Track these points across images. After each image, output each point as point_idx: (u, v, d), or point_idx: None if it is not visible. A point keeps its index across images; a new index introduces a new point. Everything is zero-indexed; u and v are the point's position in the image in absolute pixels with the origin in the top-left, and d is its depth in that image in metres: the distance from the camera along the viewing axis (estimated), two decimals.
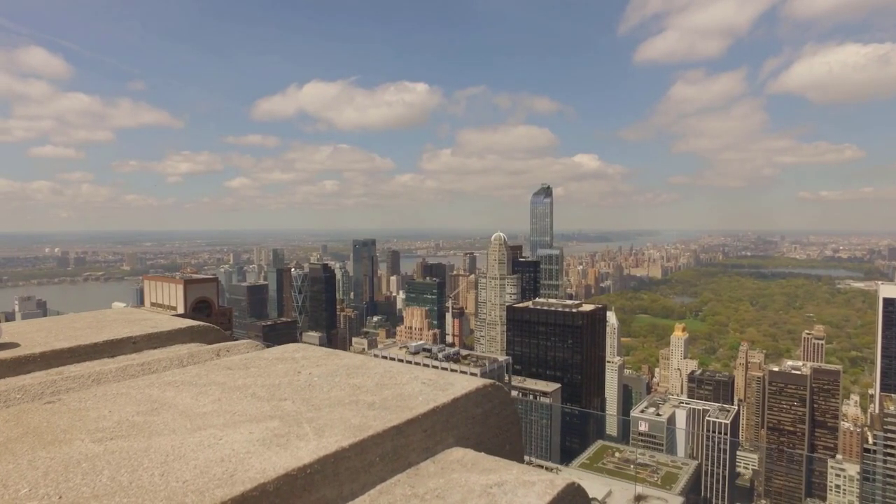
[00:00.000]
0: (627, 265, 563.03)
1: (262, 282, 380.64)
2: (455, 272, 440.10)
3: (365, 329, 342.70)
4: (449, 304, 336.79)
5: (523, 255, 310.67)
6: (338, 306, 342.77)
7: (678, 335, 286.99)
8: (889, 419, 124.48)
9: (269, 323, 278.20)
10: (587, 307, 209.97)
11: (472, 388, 3.74)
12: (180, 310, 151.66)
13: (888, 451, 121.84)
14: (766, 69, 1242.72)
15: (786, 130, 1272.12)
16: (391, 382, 3.89)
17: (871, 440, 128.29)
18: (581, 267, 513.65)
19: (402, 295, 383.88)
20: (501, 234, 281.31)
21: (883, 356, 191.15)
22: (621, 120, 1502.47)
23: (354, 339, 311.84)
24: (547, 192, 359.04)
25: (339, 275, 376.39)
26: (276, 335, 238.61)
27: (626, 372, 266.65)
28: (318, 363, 4.39)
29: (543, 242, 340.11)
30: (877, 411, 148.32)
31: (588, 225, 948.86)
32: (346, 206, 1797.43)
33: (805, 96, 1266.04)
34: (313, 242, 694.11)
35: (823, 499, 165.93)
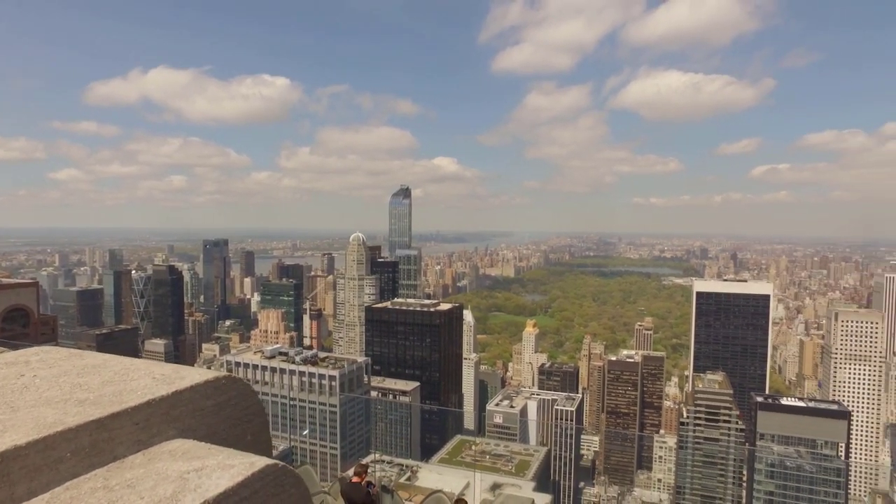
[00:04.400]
0: (483, 265, 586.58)
1: (95, 286, 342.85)
2: (313, 273, 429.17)
3: (217, 334, 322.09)
4: (307, 305, 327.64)
5: (382, 255, 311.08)
6: (186, 311, 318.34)
7: (529, 331, 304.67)
8: (699, 395, 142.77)
9: (104, 331, 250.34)
10: (445, 306, 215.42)
11: (200, 381, 3.77)
12: None
13: (697, 422, 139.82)
14: (609, 86, 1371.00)
15: (623, 143, 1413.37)
16: (121, 379, 3.84)
17: (685, 415, 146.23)
18: (439, 267, 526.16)
19: (257, 297, 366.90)
20: (360, 234, 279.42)
21: (696, 342, 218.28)
22: (480, 125, 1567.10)
23: (205, 346, 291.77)
24: (406, 193, 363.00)
25: (187, 277, 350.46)
26: (113, 344, 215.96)
27: (482, 368, 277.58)
28: (52, 365, 4.28)
29: (402, 243, 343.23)
30: (690, 389, 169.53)
31: (446, 226, 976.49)
32: (197, 203, 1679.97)
33: (639, 113, 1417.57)
34: (158, 242, 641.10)
35: (650, 469, 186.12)
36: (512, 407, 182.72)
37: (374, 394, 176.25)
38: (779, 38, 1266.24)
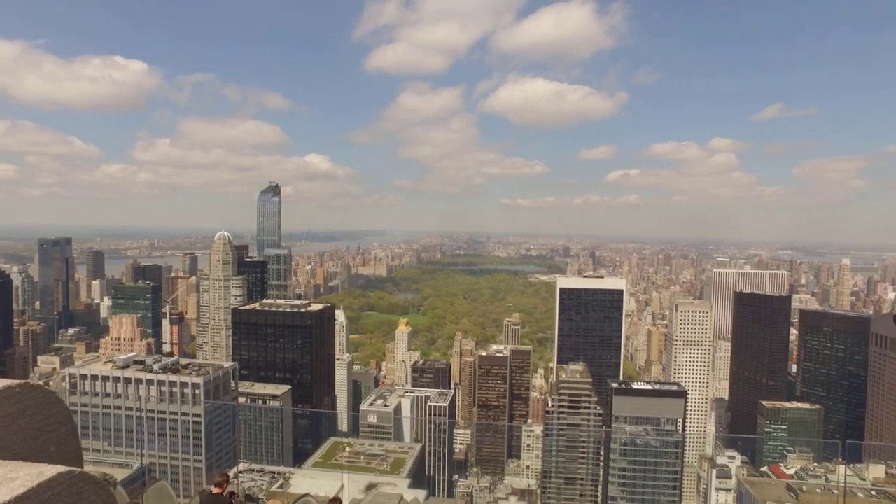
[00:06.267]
0: (355, 264, 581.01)
1: None
2: (173, 274, 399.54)
3: (57, 344, 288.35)
4: (166, 309, 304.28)
5: (250, 255, 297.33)
6: (16, 319, 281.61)
7: (402, 329, 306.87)
8: (562, 385, 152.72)
9: None
10: (316, 307, 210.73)
11: None
12: None
13: (561, 410, 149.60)
14: (480, 90, 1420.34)
15: (492, 145, 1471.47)
16: None
17: (550, 404, 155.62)
18: (310, 266, 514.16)
19: (107, 302, 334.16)
20: (226, 233, 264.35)
21: (559, 335, 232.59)
22: (352, 123, 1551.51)
23: (41, 358, 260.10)
24: (275, 190, 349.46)
25: (17, 280, 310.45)
26: None
27: (356, 368, 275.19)
28: None
29: (271, 242, 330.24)
30: (555, 380, 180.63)
31: (317, 225, 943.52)
32: (30, 197, 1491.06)
33: (507, 117, 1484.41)
34: None
35: (519, 457, 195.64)
36: (386, 406, 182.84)
37: (242, 400, 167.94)
38: (630, 56, 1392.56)
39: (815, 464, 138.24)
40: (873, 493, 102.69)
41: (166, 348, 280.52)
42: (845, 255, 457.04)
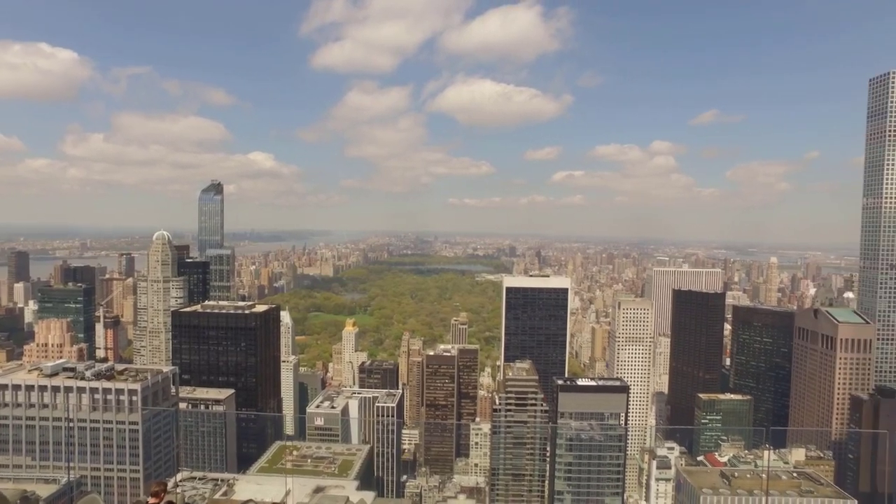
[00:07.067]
0: (301, 264, 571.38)
1: None
2: (108, 276, 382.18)
3: None
4: (100, 312, 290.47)
5: (191, 255, 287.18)
6: None
7: (349, 330, 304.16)
8: (509, 383, 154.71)
9: None
10: (261, 308, 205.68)
11: None
12: None
13: (508, 408, 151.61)
14: (428, 90, 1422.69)
15: (440, 145, 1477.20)
16: None
17: (498, 402, 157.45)
18: (254, 267, 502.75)
19: (33, 305, 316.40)
20: (165, 232, 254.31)
21: (506, 334, 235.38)
22: (298, 121, 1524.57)
23: None
24: (218, 188, 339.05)
25: None
26: None
27: (302, 369, 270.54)
28: None
29: (213, 242, 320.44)
30: (502, 378, 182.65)
31: (261, 224, 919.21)
32: None
33: (455, 117, 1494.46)
34: None
35: (468, 456, 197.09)
36: (333, 407, 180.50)
37: (183, 405, 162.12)
38: (575, 60, 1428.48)
39: (746, 451, 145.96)
40: (794, 475, 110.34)
41: (100, 354, 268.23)
42: (773, 254, 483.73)
